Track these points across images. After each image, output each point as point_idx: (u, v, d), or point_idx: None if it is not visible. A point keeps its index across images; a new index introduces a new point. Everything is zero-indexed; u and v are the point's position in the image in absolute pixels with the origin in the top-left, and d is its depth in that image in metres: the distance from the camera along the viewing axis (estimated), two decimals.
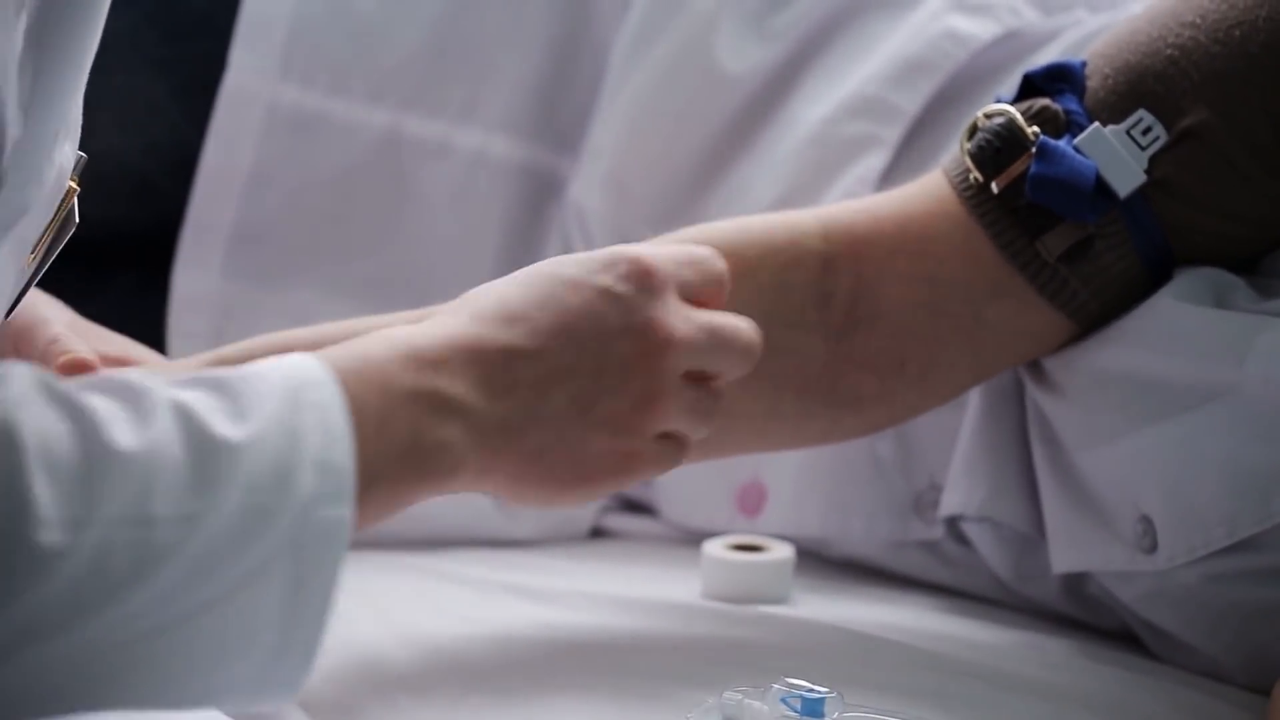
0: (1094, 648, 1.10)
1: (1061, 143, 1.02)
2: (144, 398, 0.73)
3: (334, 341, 0.86)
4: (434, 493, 0.85)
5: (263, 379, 0.76)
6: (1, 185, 0.81)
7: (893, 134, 1.28)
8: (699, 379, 0.92)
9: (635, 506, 1.43)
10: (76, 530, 0.69)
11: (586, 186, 1.38)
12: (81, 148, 0.90)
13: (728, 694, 0.93)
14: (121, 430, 0.71)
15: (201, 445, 0.73)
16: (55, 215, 0.89)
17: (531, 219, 1.41)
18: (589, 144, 1.41)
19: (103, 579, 0.69)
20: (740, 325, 0.94)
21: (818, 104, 1.33)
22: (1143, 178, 1.02)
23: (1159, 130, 1.02)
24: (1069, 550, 1.09)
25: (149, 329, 1.32)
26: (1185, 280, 1.03)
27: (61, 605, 0.69)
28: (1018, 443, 1.16)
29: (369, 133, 1.40)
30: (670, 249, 0.93)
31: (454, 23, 1.42)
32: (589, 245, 1.37)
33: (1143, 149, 1.02)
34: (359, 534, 1.36)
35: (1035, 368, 1.10)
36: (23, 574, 0.68)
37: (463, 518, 1.38)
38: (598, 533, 1.42)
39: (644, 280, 0.88)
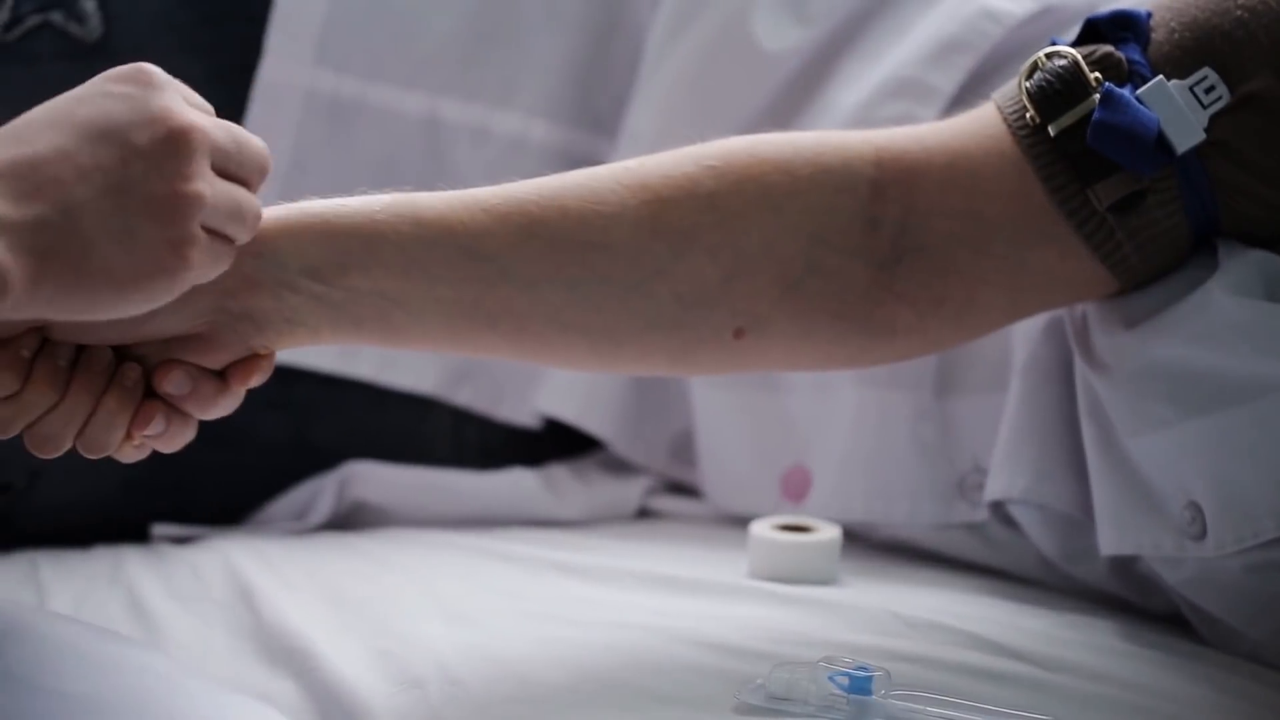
0: (1139, 631, 1.10)
1: (1124, 91, 1.01)
2: None
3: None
4: None
5: None
6: None
7: (930, 114, 1.27)
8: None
9: (681, 489, 1.44)
10: None
11: None
12: None
13: (776, 671, 0.93)
14: None
15: None
16: None
17: None
18: (627, 126, 1.41)
19: None
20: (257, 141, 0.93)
21: (854, 88, 1.33)
22: (1202, 136, 1.00)
23: (1222, 90, 1.00)
24: (1117, 533, 1.08)
25: None
26: (1235, 270, 1.01)
27: None
28: (1063, 424, 1.15)
29: (407, 118, 1.40)
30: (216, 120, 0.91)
31: (489, 7, 1.42)
32: None
33: (1204, 107, 1.00)
34: (404, 514, 1.37)
35: (1086, 347, 1.09)
36: None
37: (512, 499, 1.38)
38: (644, 514, 1.42)
39: (140, 76, 0.87)
